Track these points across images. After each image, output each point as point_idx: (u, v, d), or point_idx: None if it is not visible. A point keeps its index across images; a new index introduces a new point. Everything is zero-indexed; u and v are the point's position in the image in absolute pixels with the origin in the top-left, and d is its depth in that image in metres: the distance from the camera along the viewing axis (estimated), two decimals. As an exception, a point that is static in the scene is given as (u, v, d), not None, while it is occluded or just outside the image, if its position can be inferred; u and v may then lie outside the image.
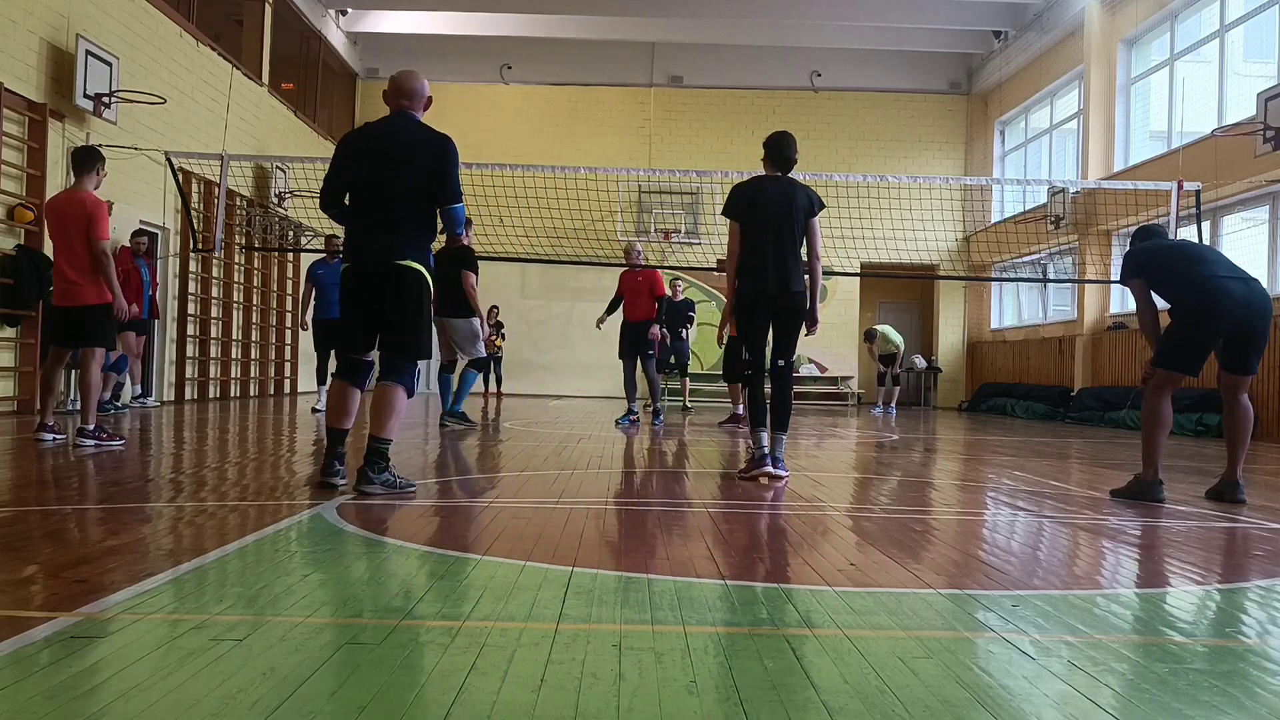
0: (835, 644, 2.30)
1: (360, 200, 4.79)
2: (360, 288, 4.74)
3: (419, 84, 4.89)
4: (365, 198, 4.77)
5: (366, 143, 4.81)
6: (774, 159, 5.85)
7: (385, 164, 4.73)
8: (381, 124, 4.84)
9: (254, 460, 6.34)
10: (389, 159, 4.73)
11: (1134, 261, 5.58)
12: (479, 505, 4.50)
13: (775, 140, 5.89)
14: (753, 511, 4.68)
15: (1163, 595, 3.09)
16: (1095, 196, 15.52)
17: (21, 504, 4.23)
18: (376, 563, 3.23)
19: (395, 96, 4.85)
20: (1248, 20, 13.40)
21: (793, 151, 5.85)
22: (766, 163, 5.90)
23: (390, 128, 4.80)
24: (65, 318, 6.88)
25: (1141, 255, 5.58)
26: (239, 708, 1.78)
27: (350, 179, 4.81)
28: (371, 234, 4.72)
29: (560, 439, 8.74)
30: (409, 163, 4.71)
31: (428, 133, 4.81)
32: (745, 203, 5.78)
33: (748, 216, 5.74)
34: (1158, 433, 5.31)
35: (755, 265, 5.69)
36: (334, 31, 19.79)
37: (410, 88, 4.85)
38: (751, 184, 5.87)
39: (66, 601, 2.52)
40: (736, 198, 5.83)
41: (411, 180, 4.71)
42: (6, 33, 9.78)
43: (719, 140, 21.19)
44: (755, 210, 5.72)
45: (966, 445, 9.59)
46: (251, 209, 15.52)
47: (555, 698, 1.89)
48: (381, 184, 4.72)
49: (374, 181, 4.74)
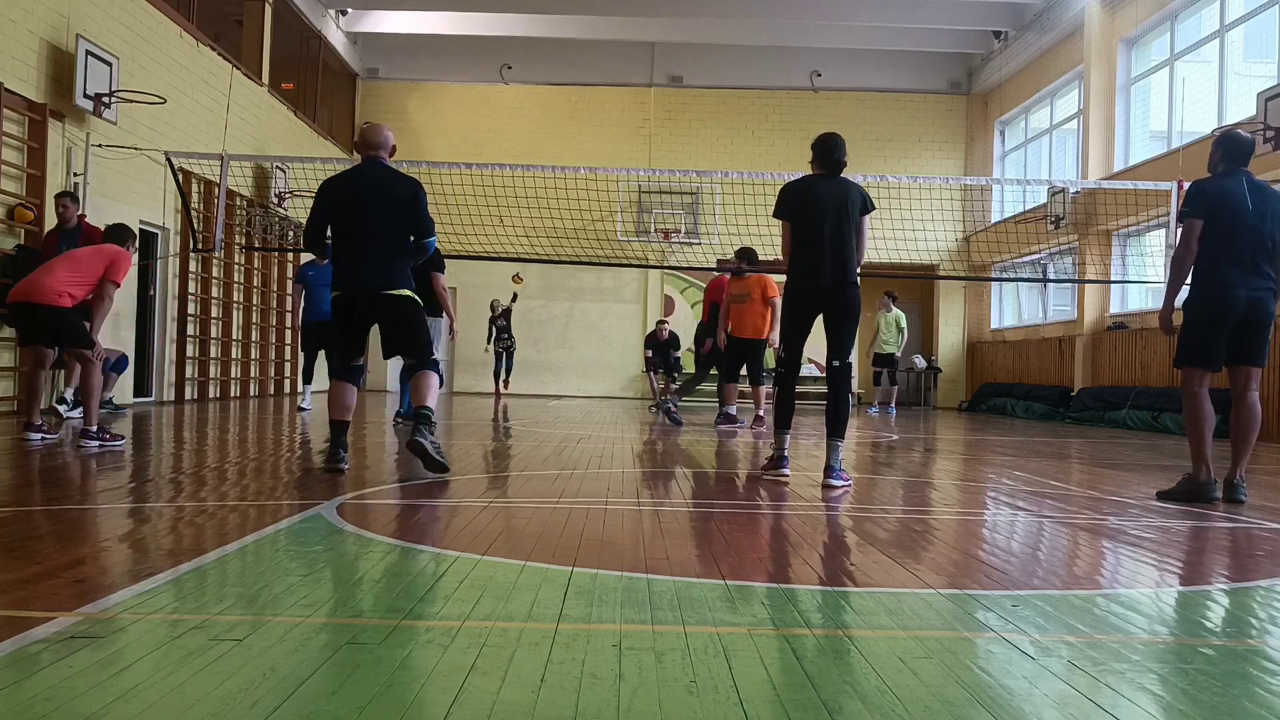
0: (835, 644, 2.30)
1: (347, 237, 5.52)
2: (353, 309, 5.53)
3: (384, 135, 5.71)
4: (351, 235, 5.51)
5: (347, 188, 5.57)
6: (823, 161, 5.72)
7: (366, 205, 5.48)
8: (358, 171, 5.62)
9: (254, 460, 6.34)
10: (369, 201, 5.49)
11: (1205, 200, 5.33)
12: (479, 505, 4.50)
13: (823, 142, 5.74)
14: (753, 511, 4.68)
15: (1163, 595, 3.09)
16: (1095, 196, 15.52)
17: (21, 504, 4.23)
18: (376, 563, 3.23)
19: (365, 147, 5.64)
20: (1248, 20, 13.39)
21: (842, 154, 5.71)
22: (815, 164, 5.76)
23: (367, 174, 5.57)
24: (37, 317, 6.87)
25: (1214, 195, 5.34)
26: (239, 708, 1.78)
27: (334, 219, 5.57)
28: (361, 266, 5.47)
29: (560, 439, 8.74)
30: (387, 203, 5.48)
31: (399, 176, 5.62)
32: (798, 201, 5.68)
33: (801, 214, 5.64)
34: (1202, 429, 5.28)
35: (809, 260, 5.59)
36: (334, 31, 19.78)
37: (378, 140, 5.65)
38: (802, 183, 5.75)
39: (66, 601, 2.52)
40: (788, 196, 5.72)
41: (390, 218, 5.48)
42: (6, 33, 9.78)
43: (719, 140, 21.19)
44: (810, 207, 5.62)
45: (966, 445, 9.59)
46: (251, 209, 15.51)
47: (555, 698, 1.89)
48: (364, 223, 5.47)
49: (357, 221, 5.48)
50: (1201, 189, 5.42)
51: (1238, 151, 5.45)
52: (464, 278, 20.40)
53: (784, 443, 5.84)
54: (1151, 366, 14.33)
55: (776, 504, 4.90)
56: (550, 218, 14.95)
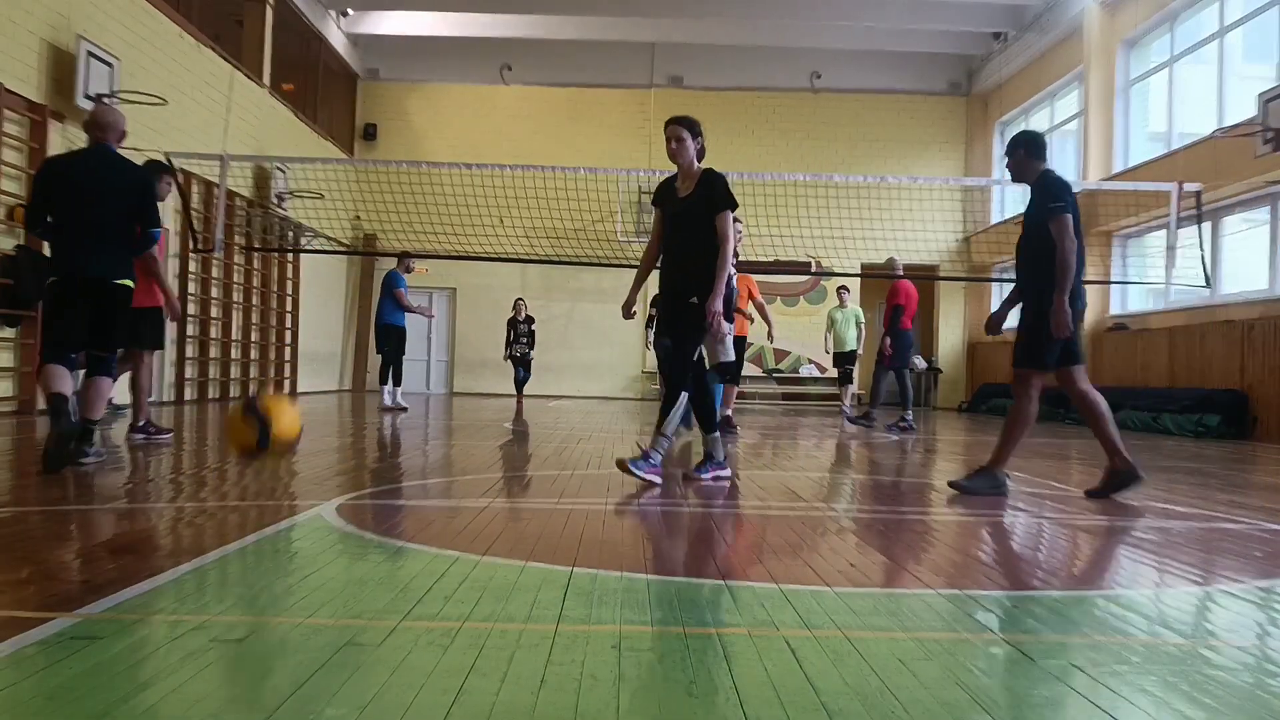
0: (835, 645, 2.30)
1: (66, 221, 5.42)
2: (68, 295, 5.42)
3: (115, 118, 5.65)
4: (71, 220, 5.41)
5: (70, 171, 5.48)
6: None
7: (88, 190, 5.40)
8: (84, 154, 5.58)
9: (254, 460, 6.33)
10: (91, 186, 5.41)
11: (1070, 195, 5.31)
12: (479, 505, 4.50)
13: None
14: (753, 512, 4.68)
15: (1163, 596, 3.09)
16: (1095, 197, 15.51)
17: (21, 504, 4.23)
18: (376, 563, 3.23)
19: (94, 129, 5.57)
20: (1247, 21, 13.39)
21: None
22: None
23: (92, 159, 5.51)
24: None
25: (1072, 192, 5.34)
26: (239, 708, 1.78)
27: (56, 202, 5.43)
28: (79, 252, 5.40)
29: (560, 439, 8.74)
30: (110, 190, 5.44)
31: (127, 164, 5.62)
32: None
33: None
34: (1109, 419, 5.31)
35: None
36: (334, 32, 19.79)
37: (106, 121, 5.59)
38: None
39: (66, 601, 2.52)
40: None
41: (113, 205, 5.45)
42: (6, 33, 9.78)
43: (719, 140, 20.99)
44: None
45: (966, 446, 9.59)
46: (251, 209, 15.52)
47: (555, 699, 1.89)
48: (84, 208, 5.38)
49: (79, 206, 5.39)
50: (1065, 182, 5.38)
51: (1045, 148, 5.54)
52: (464, 278, 20.43)
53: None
54: (1152, 368, 14.33)
55: (776, 505, 4.90)
56: (550, 218, 14.96)
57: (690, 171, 5.50)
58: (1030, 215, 5.39)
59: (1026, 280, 5.44)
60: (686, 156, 5.46)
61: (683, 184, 5.52)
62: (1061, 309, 5.14)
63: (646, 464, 5.29)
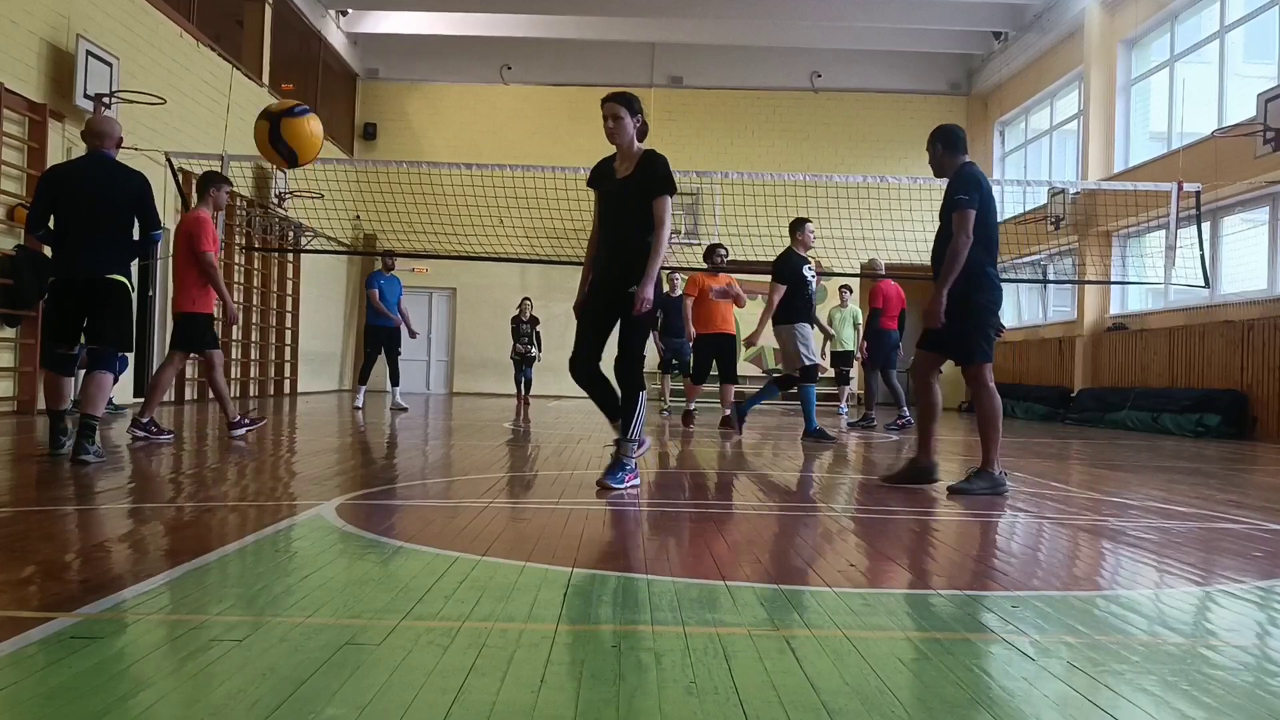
0: (835, 644, 2.30)
1: (67, 226, 5.69)
2: (68, 296, 5.68)
3: (110, 126, 5.89)
4: (72, 225, 5.67)
5: (70, 178, 5.73)
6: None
7: (87, 197, 5.65)
8: (83, 161, 5.84)
9: (254, 460, 6.34)
10: (90, 193, 5.66)
11: (978, 191, 5.32)
12: (479, 505, 4.50)
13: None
14: (752, 512, 4.68)
15: (1162, 596, 3.09)
16: (1095, 197, 15.52)
17: (21, 504, 4.23)
18: (376, 563, 3.23)
19: (91, 137, 5.80)
20: (1248, 21, 13.39)
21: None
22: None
23: (91, 165, 5.75)
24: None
25: (986, 186, 5.37)
26: (239, 708, 1.78)
27: (58, 208, 5.70)
28: (78, 254, 5.64)
29: (560, 439, 8.74)
30: (108, 195, 5.68)
31: (125, 170, 5.81)
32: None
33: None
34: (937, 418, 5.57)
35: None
36: (334, 32, 19.78)
37: (102, 130, 5.83)
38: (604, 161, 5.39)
39: (66, 601, 2.52)
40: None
41: (111, 210, 5.69)
42: (6, 33, 9.78)
43: (719, 140, 21.18)
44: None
45: (966, 446, 9.58)
46: (251, 209, 15.51)
47: (555, 698, 1.89)
48: (84, 214, 5.65)
49: (78, 212, 5.65)
50: (976, 176, 5.40)
51: (963, 141, 5.61)
52: (464, 278, 20.42)
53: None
54: (1151, 368, 14.33)
55: (776, 504, 4.90)
56: (550, 218, 14.94)
57: (630, 152, 5.15)
58: (944, 208, 5.45)
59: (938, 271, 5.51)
60: (625, 135, 5.10)
61: (621, 164, 5.19)
62: (939, 300, 5.27)
63: (625, 473, 5.07)
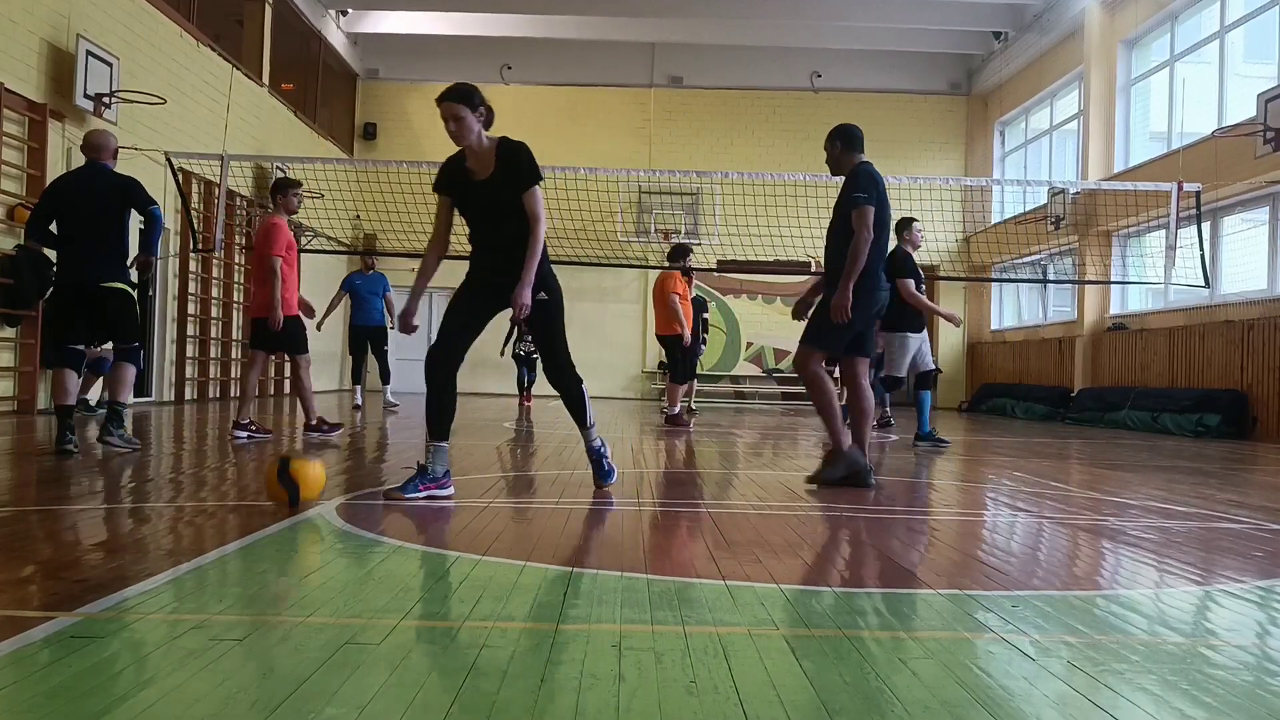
0: (835, 644, 2.30)
1: (69, 234, 6.13)
2: (73, 301, 6.14)
3: (106, 139, 6.30)
4: (72, 233, 6.12)
5: (69, 189, 6.16)
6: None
7: (85, 206, 6.10)
8: (80, 173, 6.24)
9: (254, 460, 6.34)
10: (88, 203, 6.11)
11: (876, 189, 5.37)
12: (479, 505, 4.50)
13: None
14: (752, 511, 4.68)
15: (1163, 596, 3.09)
16: (1095, 197, 15.51)
17: (21, 504, 4.23)
18: (376, 563, 3.23)
19: (89, 150, 6.24)
20: (1248, 21, 13.40)
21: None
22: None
23: (88, 177, 6.19)
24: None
25: (880, 184, 5.41)
26: (239, 708, 1.78)
27: (59, 217, 6.15)
28: (81, 263, 6.09)
29: (560, 439, 8.74)
30: (103, 204, 6.11)
31: (116, 178, 6.28)
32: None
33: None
34: (869, 418, 5.62)
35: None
36: (334, 32, 19.78)
37: (98, 143, 6.25)
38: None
39: (66, 601, 2.52)
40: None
41: (107, 218, 6.13)
42: (6, 33, 9.78)
43: (719, 140, 21.18)
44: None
45: (966, 446, 9.58)
46: (251, 209, 15.52)
47: (555, 698, 1.89)
48: (83, 222, 6.09)
49: (78, 220, 6.10)
50: (872, 174, 5.42)
51: (860, 140, 5.63)
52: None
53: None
54: (1151, 368, 14.33)
55: (776, 504, 4.90)
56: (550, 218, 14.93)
57: (481, 148, 4.67)
58: (839, 205, 5.50)
59: (833, 267, 5.56)
60: (471, 134, 4.60)
61: (477, 164, 4.73)
62: (845, 295, 5.31)
63: (607, 472, 5.10)
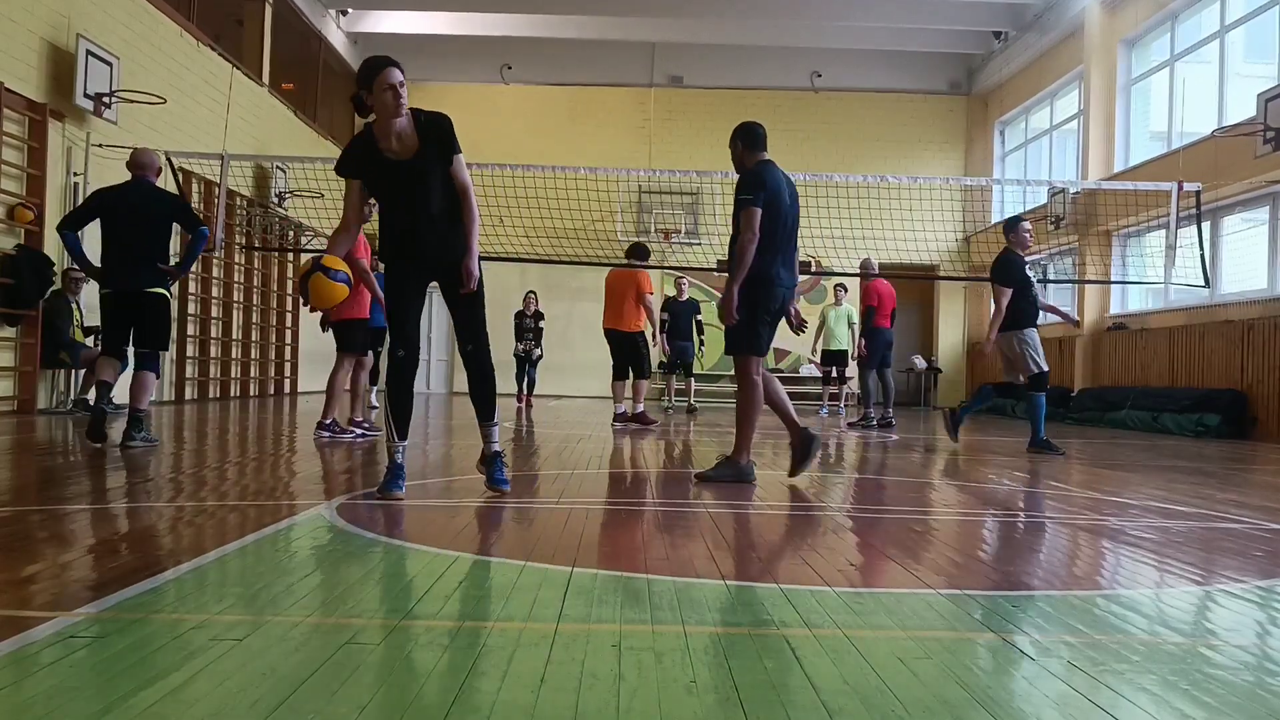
0: (835, 644, 2.30)
1: (112, 245, 6.56)
2: (118, 308, 6.59)
3: (150, 158, 6.86)
4: (116, 244, 6.56)
5: (115, 202, 6.62)
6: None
7: (129, 219, 6.56)
8: (126, 188, 6.70)
9: (254, 460, 6.34)
10: (131, 216, 6.59)
11: (764, 190, 5.31)
12: (479, 505, 4.50)
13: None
14: (752, 511, 4.68)
15: (1163, 596, 3.09)
16: (1095, 197, 15.51)
17: (22, 504, 4.23)
18: (376, 563, 3.23)
19: (134, 167, 6.76)
20: (1248, 21, 13.39)
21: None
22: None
23: (133, 192, 6.66)
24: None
25: (771, 183, 5.35)
26: (239, 708, 1.78)
27: (102, 224, 6.60)
28: (125, 272, 6.53)
29: (560, 439, 8.74)
30: (147, 217, 6.63)
31: (162, 194, 6.94)
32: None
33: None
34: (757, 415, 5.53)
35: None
36: (334, 32, 19.78)
37: (143, 161, 6.78)
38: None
39: (66, 601, 2.52)
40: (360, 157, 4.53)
41: (150, 231, 6.63)
42: (6, 33, 9.78)
43: (719, 140, 20.90)
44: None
45: (966, 446, 9.58)
46: (251, 209, 15.52)
47: (555, 698, 1.89)
48: (126, 234, 6.54)
49: (121, 232, 6.55)
50: (760, 174, 5.40)
51: (762, 139, 5.55)
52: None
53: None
54: (1151, 367, 14.33)
55: (776, 504, 4.90)
56: (550, 218, 14.94)
57: (402, 127, 4.37)
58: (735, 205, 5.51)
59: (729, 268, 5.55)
60: (405, 106, 4.35)
61: (397, 144, 4.39)
62: (730, 297, 5.35)
63: (502, 475, 4.73)
